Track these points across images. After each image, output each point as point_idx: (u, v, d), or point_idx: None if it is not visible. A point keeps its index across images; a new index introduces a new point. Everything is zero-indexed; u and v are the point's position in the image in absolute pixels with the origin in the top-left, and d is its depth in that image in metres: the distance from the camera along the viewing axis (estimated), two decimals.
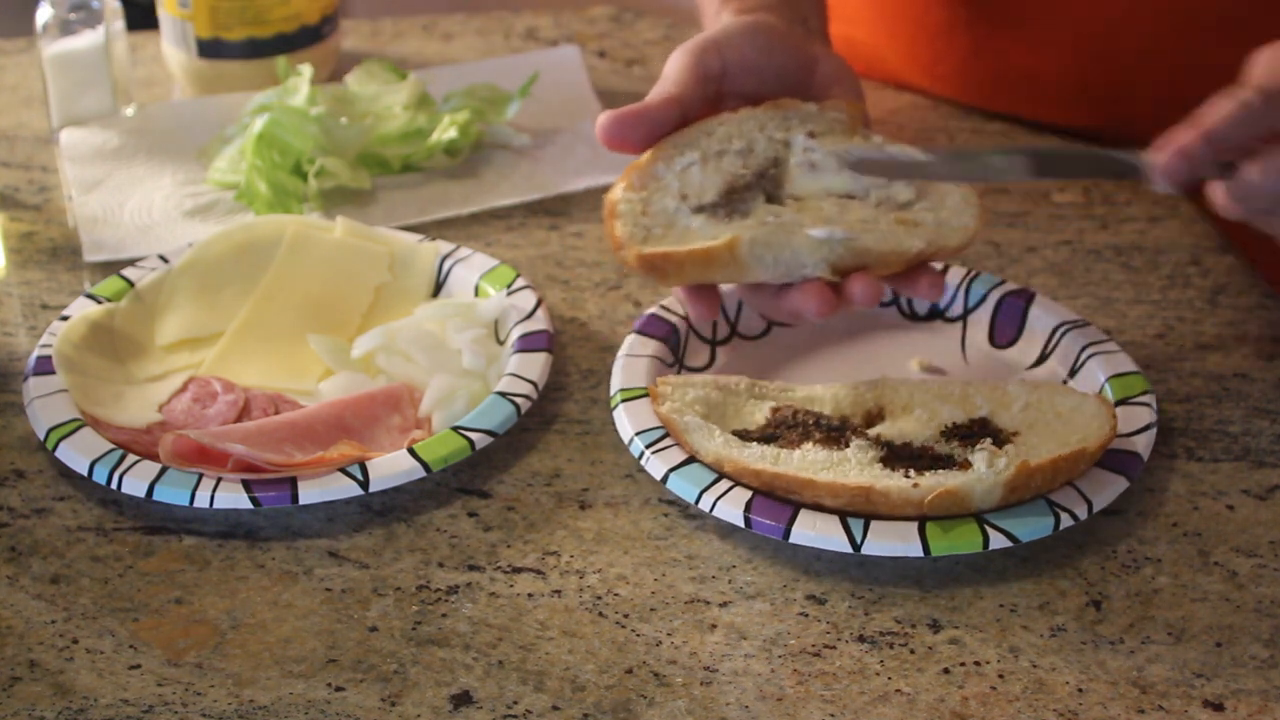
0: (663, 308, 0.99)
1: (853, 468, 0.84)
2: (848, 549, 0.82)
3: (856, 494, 0.82)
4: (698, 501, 0.85)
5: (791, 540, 0.83)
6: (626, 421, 0.90)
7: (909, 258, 0.86)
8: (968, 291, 1.02)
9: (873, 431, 0.89)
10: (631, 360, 0.95)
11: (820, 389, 0.92)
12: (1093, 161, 0.90)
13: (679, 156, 0.88)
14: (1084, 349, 0.96)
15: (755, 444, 0.87)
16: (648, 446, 0.88)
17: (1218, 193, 0.83)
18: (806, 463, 0.85)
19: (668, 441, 0.88)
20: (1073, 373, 0.96)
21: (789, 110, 0.91)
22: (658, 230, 0.86)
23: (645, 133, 0.89)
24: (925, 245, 0.86)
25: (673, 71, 0.91)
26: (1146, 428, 0.89)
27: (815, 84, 0.94)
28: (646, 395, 0.92)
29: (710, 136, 0.89)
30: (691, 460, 0.87)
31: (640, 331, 0.97)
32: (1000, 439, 0.88)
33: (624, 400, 0.92)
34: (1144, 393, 0.92)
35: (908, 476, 0.83)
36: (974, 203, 0.89)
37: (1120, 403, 0.92)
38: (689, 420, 0.88)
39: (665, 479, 0.86)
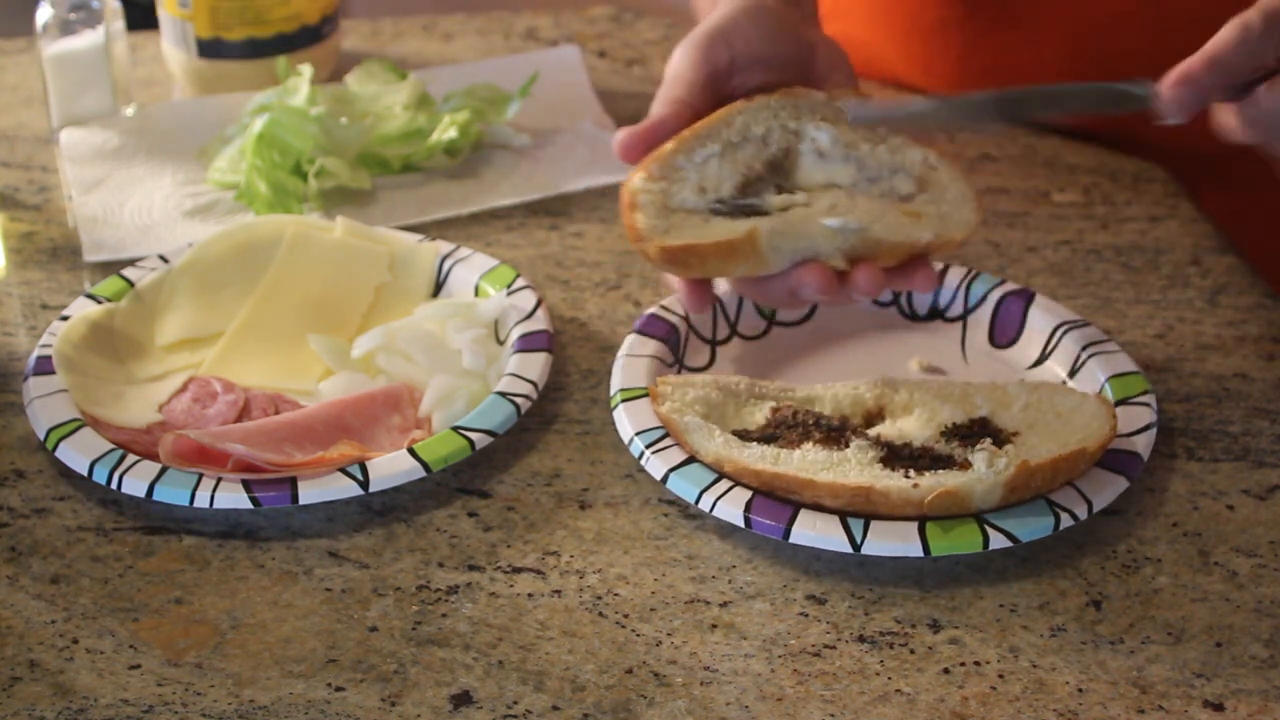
0: (663, 308, 0.99)
1: (853, 468, 0.84)
2: (848, 549, 0.82)
3: (856, 494, 0.82)
4: (698, 501, 0.85)
5: (791, 540, 0.83)
6: (626, 421, 0.90)
7: (918, 249, 0.87)
8: (968, 291, 1.02)
9: (873, 431, 0.89)
10: (631, 360, 0.95)
11: (820, 389, 0.92)
12: (1098, 94, 0.88)
13: (700, 148, 0.89)
14: (1084, 349, 0.96)
15: (755, 444, 0.87)
16: (648, 446, 0.88)
17: (1228, 116, 0.83)
18: (806, 463, 0.85)
19: (668, 441, 0.88)
20: (1073, 373, 0.96)
21: (800, 99, 0.92)
22: (678, 222, 0.87)
23: (661, 145, 0.89)
24: (933, 237, 0.87)
25: (681, 71, 0.91)
26: (1146, 428, 0.89)
27: (816, 71, 0.94)
28: (646, 395, 0.91)
29: (730, 127, 0.89)
30: (691, 460, 0.87)
31: (640, 331, 0.97)
32: (1000, 439, 0.87)
33: (624, 400, 0.91)
34: (1144, 393, 0.92)
35: (908, 476, 0.83)
36: (971, 197, 0.90)
37: (1120, 403, 0.91)
38: (689, 420, 0.88)
39: (665, 479, 0.86)
